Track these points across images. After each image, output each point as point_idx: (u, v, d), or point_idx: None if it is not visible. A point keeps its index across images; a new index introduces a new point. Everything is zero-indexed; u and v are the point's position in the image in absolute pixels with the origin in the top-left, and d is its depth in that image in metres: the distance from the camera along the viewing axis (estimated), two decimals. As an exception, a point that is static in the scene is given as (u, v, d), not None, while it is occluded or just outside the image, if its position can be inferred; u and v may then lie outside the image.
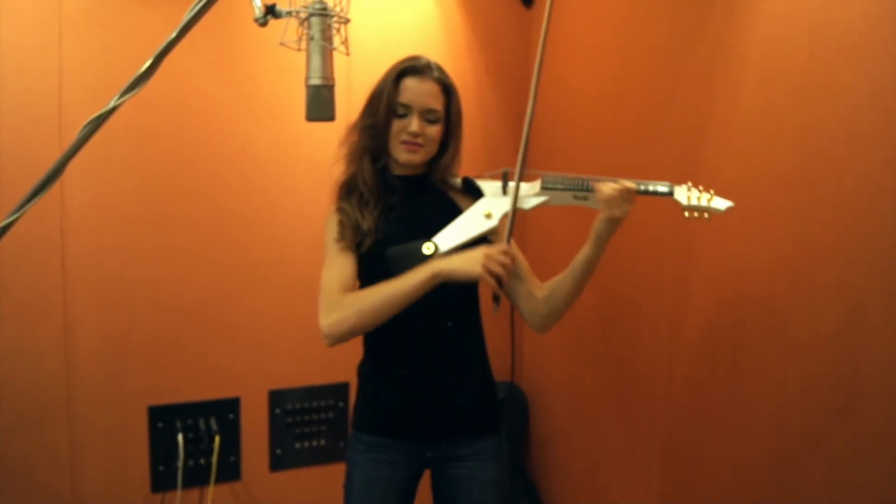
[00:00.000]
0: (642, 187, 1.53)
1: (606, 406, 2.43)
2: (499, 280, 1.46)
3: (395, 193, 1.63)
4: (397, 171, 1.66)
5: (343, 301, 1.53)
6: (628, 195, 1.49)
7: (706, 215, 1.52)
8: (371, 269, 1.59)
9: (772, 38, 1.71)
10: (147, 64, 1.25)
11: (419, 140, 1.59)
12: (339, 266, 1.58)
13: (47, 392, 2.26)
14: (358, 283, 1.62)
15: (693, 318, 2.01)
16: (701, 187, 1.53)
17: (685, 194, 1.53)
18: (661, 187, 1.54)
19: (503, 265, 1.46)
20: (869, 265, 1.48)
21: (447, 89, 1.64)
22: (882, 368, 1.45)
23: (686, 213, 1.53)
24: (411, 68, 1.61)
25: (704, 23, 1.93)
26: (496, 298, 1.51)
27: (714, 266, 1.93)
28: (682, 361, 2.05)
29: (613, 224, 1.51)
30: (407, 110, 1.59)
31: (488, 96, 2.84)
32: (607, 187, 1.49)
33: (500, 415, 1.75)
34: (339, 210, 1.63)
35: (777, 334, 1.71)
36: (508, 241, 1.54)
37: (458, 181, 1.70)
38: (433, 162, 1.68)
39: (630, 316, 2.28)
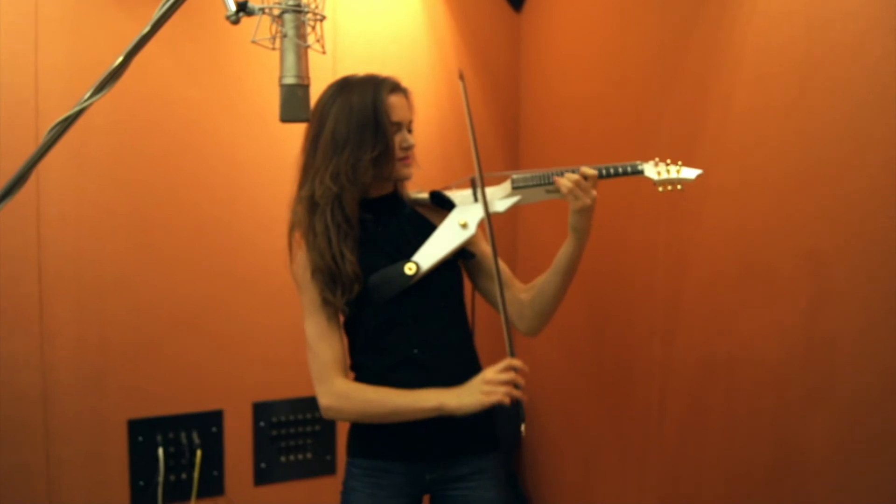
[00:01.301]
0: (611, 170, 1.51)
1: (600, 417, 2.38)
2: (513, 398, 1.44)
3: (369, 217, 1.57)
4: (371, 193, 1.58)
5: (346, 393, 1.52)
6: (588, 182, 1.47)
7: (679, 187, 1.51)
8: (357, 303, 1.53)
9: (767, 36, 1.66)
10: (117, 62, 1.19)
11: (412, 154, 1.58)
12: (326, 339, 1.54)
13: (23, 405, 2.19)
14: (345, 346, 1.58)
15: (687, 327, 1.96)
16: (669, 160, 1.51)
17: (654, 170, 1.51)
18: (629, 167, 1.53)
19: (508, 382, 1.43)
20: (872, 269, 1.43)
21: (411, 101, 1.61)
22: (891, 375, 1.40)
23: (660, 188, 1.52)
24: (392, 86, 1.56)
25: (696, 22, 1.89)
26: (520, 419, 1.47)
27: (708, 274, 1.88)
28: (675, 371, 2.00)
29: (584, 213, 1.49)
30: (397, 127, 1.55)
31: (477, 99, 2.80)
32: (565, 179, 1.48)
33: (498, 431, 1.69)
34: (316, 272, 1.52)
35: (775, 342, 1.66)
36: (510, 350, 1.50)
37: (425, 196, 1.65)
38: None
39: (623, 327, 2.23)
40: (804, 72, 1.57)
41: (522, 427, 1.45)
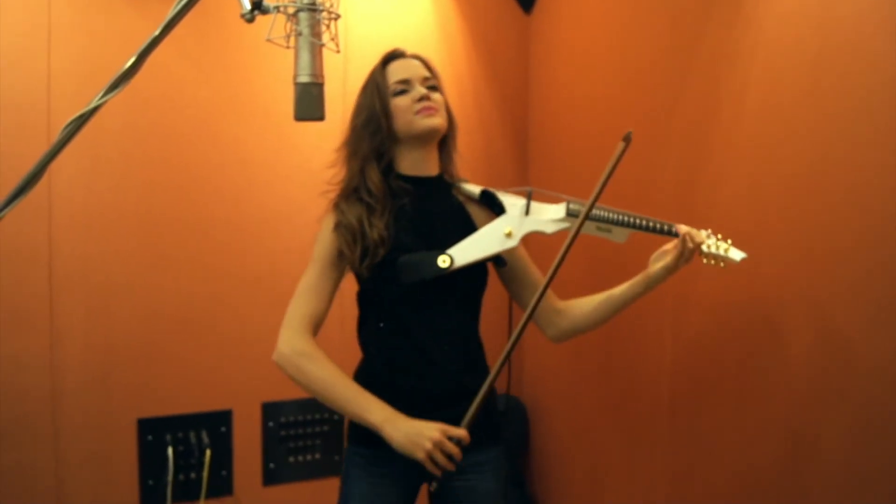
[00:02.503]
0: (667, 227, 1.56)
1: (607, 418, 2.37)
2: (440, 471, 1.41)
3: (406, 196, 1.57)
4: (407, 170, 1.60)
5: (301, 347, 1.50)
6: (692, 248, 1.51)
7: (721, 264, 1.54)
8: (380, 277, 1.54)
9: (778, 38, 1.66)
10: (130, 61, 1.20)
11: (431, 103, 1.56)
12: (313, 292, 1.56)
13: (33, 404, 2.20)
14: (327, 309, 1.58)
15: (696, 326, 1.96)
16: (720, 235, 1.55)
17: (706, 241, 1.54)
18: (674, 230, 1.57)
19: (450, 458, 1.40)
20: (881, 270, 1.43)
21: (429, 65, 1.65)
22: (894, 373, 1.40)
23: (704, 260, 1.54)
24: (391, 55, 1.63)
25: (708, 24, 1.88)
26: (436, 479, 1.44)
27: (718, 273, 1.87)
28: (684, 371, 2.00)
29: (671, 273, 1.53)
30: (405, 84, 1.58)
31: (486, 100, 2.80)
32: (691, 241, 1.50)
33: (500, 426, 1.69)
34: (339, 226, 1.55)
35: (784, 343, 1.66)
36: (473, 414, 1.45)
37: (475, 190, 1.64)
38: (441, 156, 1.65)
39: (631, 326, 2.22)
40: (815, 73, 1.56)
41: (432, 485, 1.46)
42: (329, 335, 1.64)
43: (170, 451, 2.34)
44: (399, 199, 1.57)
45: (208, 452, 2.37)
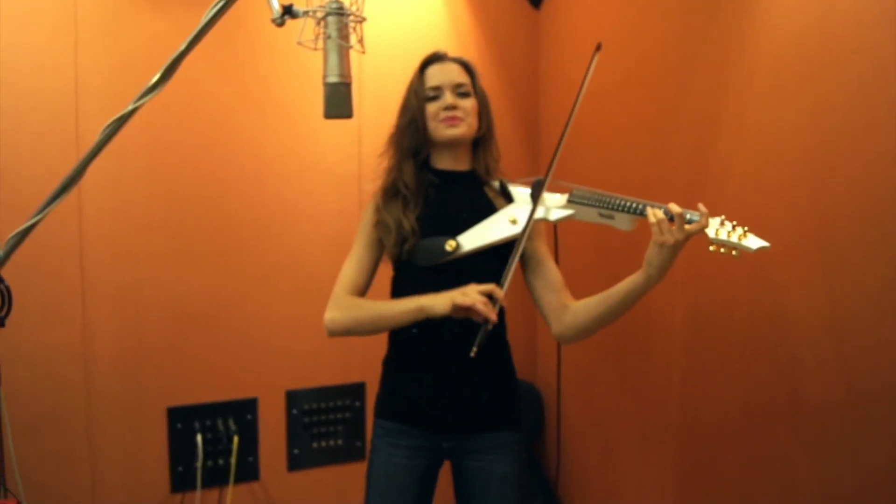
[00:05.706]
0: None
1: (621, 404, 2.44)
2: (483, 313, 1.44)
3: (432, 188, 1.68)
4: (440, 164, 1.70)
5: (345, 303, 1.64)
6: (670, 222, 1.38)
7: (734, 252, 1.36)
8: (401, 262, 1.66)
9: (782, 29, 1.71)
10: (166, 65, 1.27)
11: (457, 113, 1.65)
12: (357, 263, 1.68)
13: (66, 395, 2.29)
14: (369, 281, 1.70)
15: (707, 315, 2.01)
16: (735, 222, 1.38)
17: (714, 228, 1.37)
18: (695, 216, 1.39)
19: (477, 303, 1.44)
20: (886, 255, 1.48)
21: (468, 68, 1.73)
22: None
23: (711, 248, 1.38)
24: (431, 58, 1.72)
25: (715, 15, 1.94)
26: (479, 335, 1.45)
27: (727, 260, 1.93)
28: (696, 359, 2.05)
29: (663, 250, 1.39)
30: (438, 91, 1.67)
31: (497, 96, 2.83)
32: (656, 211, 1.40)
33: (519, 410, 1.75)
34: (379, 223, 1.67)
35: (792, 330, 1.71)
36: (503, 283, 1.50)
37: (496, 183, 1.73)
38: (475, 155, 1.73)
39: (644, 313, 2.28)
40: (819, 64, 1.62)
41: (473, 350, 1.44)
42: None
43: (198, 438, 2.42)
44: (430, 190, 1.67)
45: (236, 439, 2.45)
